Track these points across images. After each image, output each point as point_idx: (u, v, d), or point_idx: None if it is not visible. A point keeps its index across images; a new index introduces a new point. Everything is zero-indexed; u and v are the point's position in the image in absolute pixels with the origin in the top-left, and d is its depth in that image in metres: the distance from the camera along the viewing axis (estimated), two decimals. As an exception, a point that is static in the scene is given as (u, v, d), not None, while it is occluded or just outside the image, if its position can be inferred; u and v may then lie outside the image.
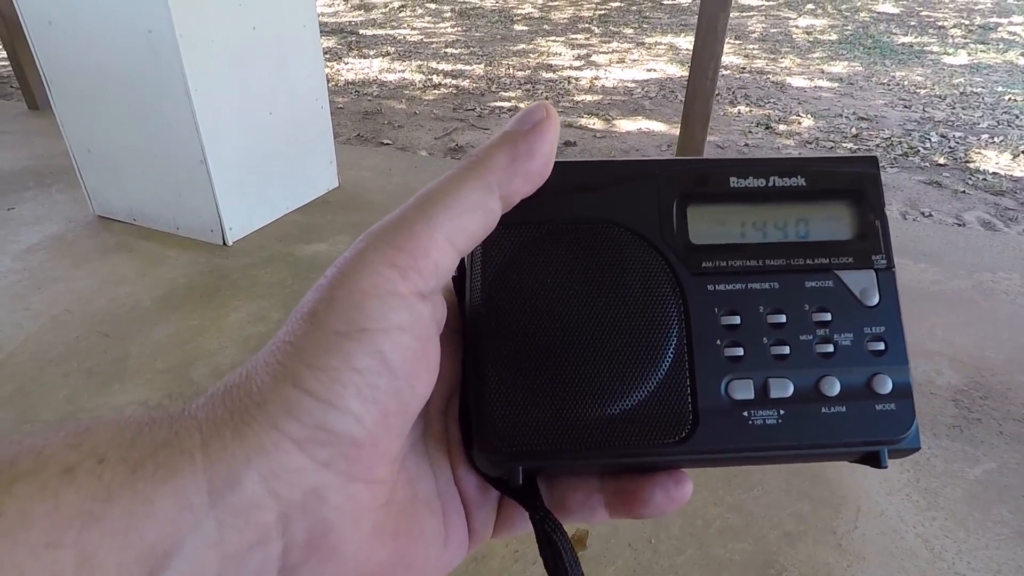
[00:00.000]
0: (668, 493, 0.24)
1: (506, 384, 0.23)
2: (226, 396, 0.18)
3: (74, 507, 0.15)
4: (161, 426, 0.17)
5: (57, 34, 2.08)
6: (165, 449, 0.17)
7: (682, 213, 0.25)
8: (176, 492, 0.16)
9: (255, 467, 0.17)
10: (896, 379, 0.24)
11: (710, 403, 0.23)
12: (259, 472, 0.17)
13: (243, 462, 0.17)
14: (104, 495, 0.15)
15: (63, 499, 0.15)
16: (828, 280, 0.24)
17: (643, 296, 0.24)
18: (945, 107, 4.05)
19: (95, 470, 0.16)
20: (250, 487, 0.17)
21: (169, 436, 0.17)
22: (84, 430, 0.17)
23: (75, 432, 0.17)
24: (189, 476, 0.16)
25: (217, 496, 0.17)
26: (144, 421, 0.18)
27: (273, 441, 0.17)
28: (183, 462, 0.17)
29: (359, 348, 0.18)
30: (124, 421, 0.17)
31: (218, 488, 0.17)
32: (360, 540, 0.20)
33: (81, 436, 0.16)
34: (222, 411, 0.18)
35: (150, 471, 0.16)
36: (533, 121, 0.22)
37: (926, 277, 2.06)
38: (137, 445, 0.17)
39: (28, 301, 1.93)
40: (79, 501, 0.15)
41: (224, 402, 0.18)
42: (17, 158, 2.99)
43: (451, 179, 0.21)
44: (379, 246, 0.20)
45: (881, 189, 0.26)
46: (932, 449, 1.40)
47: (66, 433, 0.17)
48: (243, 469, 0.17)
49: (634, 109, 4.05)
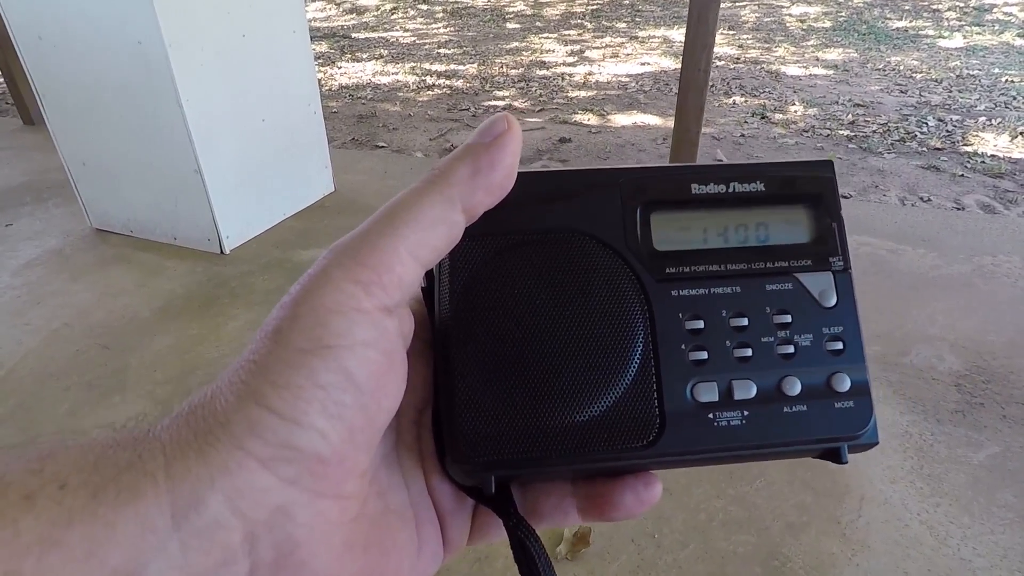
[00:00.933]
0: (638, 495, 0.24)
1: (476, 394, 0.23)
2: (190, 416, 0.18)
3: (33, 534, 0.15)
4: (125, 449, 0.17)
5: (47, 48, 2.08)
6: (128, 472, 0.17)
7: (645, 220, 0.25)
8: (139, 515, 0.16)
9: (219, 487, 0.17)
10: (854, 377, 0.24)
11: (676, 406, 0.23)
12: (223, 492, 0.17)
13: (207, 483, 0.17)
14: (65, 520, 0.15)
15: (22, 526, 0.15)
16: (788, 283, 0.25)
17: (609, 303, 0.24)
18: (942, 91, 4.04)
19: (55, 496, 0.16)
20: (215, 507, 0.17)
21: (132, 459, 0.17)
22: (47, 455, 0.17)
23: (37, 458, 0.17)
24: (152, 499, 0.16)
25: (181, 518, 0.17)
26: (108, 444, 0.17)
27: (237, 460, 0.17)
28: (146, 484, 0.16)
29: (323, 365, 0.18)
30: (87, 445, 0.17)
31: (182, 510, 0.17)
32: (330, 556, 0.19)
33: (43, 462, 0.16)
34: (186, 432, 0.18)
35: (112, 495, 0.16)
36: (495, 133, 0.22)
37: (925, 262, 2.05)
38: (99, 469, 0.17)
39: (27, 316, 1.94)
40: (39, 527, 0.15)
41: (188, 422, 0.18)
42: (13, 174, 3.00)
43: (413, 193, 0.21)
44: (342, 262, 0.20)
45: (837, 192, 0.26)
46: (935, 435, 1.40)
47: (28, 459, 0.16)
48: (207, 490, 0.17)
49: (629, 103, 4.04)
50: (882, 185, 2.80)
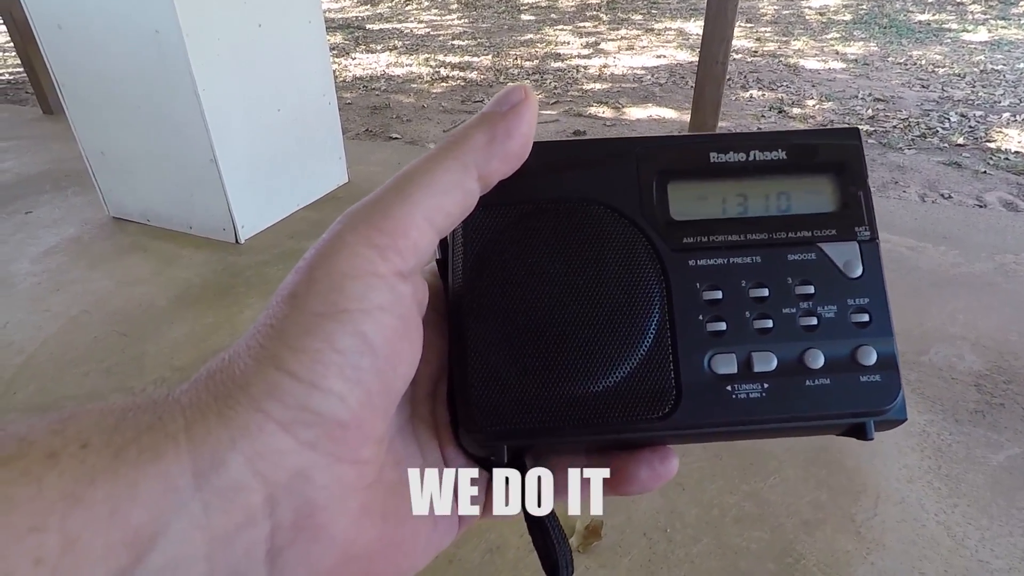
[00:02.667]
0: (654, 469, 0.24)
1: (489, 364, 0.23)
2: (209, 380, 0.18)
3: (57, 491, 0.15)
4: (145, 411, 0.17)
5: (67, 38, 2.10)
6: (149, 433, 0.17)
7: (662, 190, 0.25)
8: (160, 475, 0.16)
9: (240, 449, 0.17)
10: (881, 350, 0.23)
11: (693, 378, 0.23)
12: (244, 454, 0.17)
13: (227, 444, 0.17)
14: (88, 479, 0.15)
15: (46, 483, 0.15)
16: (811, 253, 0.24)
17: (624, 273, 0.24)
18: (964, 86, 3.96)
19: (78, 455, 0.16)
20: (235, 469, 0.17)
21: (152, 420, 0.17)
22: (68, 417, 0.17)
23: (59, 419, 0.17)
24: (173, 459, 0.16)
25: (202, 478, 0.17)
26: (127, 407, 0.18)
27: (257, 423, 0.17)
28: (167, 445, 0.17)
29: (340, 329, 0.18)
30: (108, 408, 0.17)
31: (203, 470, 0.17)
32: (347, 520, 0.20)
33: (64, 423, 0.17)
34: (205, 395, 0.18)
35: (134, 455, 0.16)
36: (511, 102, 0.22)
37: (946, 260, 2.02)
38: (120, 430, 0.17)
39: (47, 303, 1.96)
40: (62, 485, 0.15)
41: (207, 386, 0.18)
42: (34, 162, 3.04)
43: (429, 159, 0.21)
44: (358, 226, 0.20)
45: (863, 160, 0.25)
46: (954, 435, 1.38)
47: (50, 420, 0.17)
48: (228, 451, 0.17)
49: (644, 96, 4.01)
50: (902, 181, 2.75)
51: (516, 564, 1.13)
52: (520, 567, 1.13)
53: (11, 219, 2.49)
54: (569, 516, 1.20)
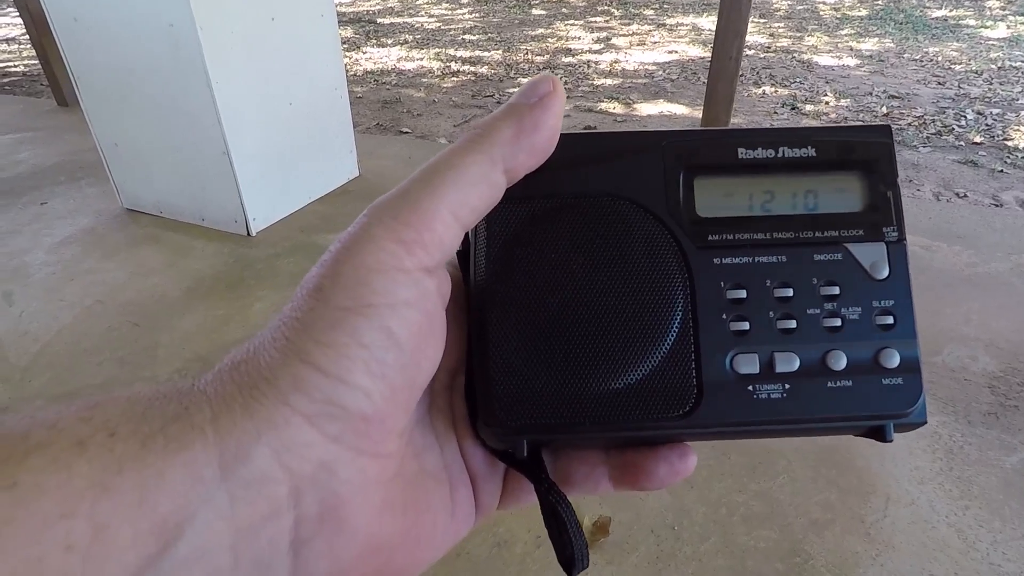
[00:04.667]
0: (672, 466, 0.24)
1: (510, 358, 0.23)
2: (234, 371, 0.18)
3: (86, 479, 0.15)
4: (171, 401, 0.18)
5: (82, 30, 2.11)
6: (175, 423, 0.17)
7: (688, 185, 0.24)
8: (187, 465, 0.16)
9: (265, 442, 0.17)
10: (904, 353, 0.23)
11: (715, 377, 0.23)
12: (270, 446, 0.17)
13: (253, 436, 0.17)
14: (116, 467, 0.16)
15: (76, 471, 0.15)
16: (837, 253, 0.24)
17: (648, 270, 0.24)
18: (982, 83, 3.90)
19: (106, 443, 0.16)
20: (261, 461, 0.17)
21: (179, 411, 0.17)
22: (95, 405, 0.17)
23: (87, 407, 0.17)
24: (200, 450, 0.17)
25: (228, 470, 0.17)
26: (154, 396, 0.18)
27: (283, 416, 0.17)
28: (194, 436, 0.17)
29: (366, 323, 0.18)
30: (134, 396, 0.18)
31: (229, 462, 0.17)
32: (370, 513, 0.20)
33: (92, 410, 0.17)
34: (231, 386, 0.18)
35: (161, 444, 0.16)
36: (539, 94, 0.22)
37: (961, 260, 1.99)
38: (148, 419, 0.17)
39: (62, 293, 1.98)
40: (91, 473, 0.15)
41: (233, 377, 0.18)
42: (48, 154, 3.06)
43: (455, 153, 0.21)
44: (384, 220, 0.20)
45: (894, 159, 0.25)
46: (966, 437, 1.36)
47: (78, 408, 0.17)
48: (253, 443, 0.17)
49: (655, 92, 3.98)
50: (916, 180, 2.72)
51: (523, 558, 1.14)
52: (527, 561, 1.13)
53: (27, 210, 2.52)
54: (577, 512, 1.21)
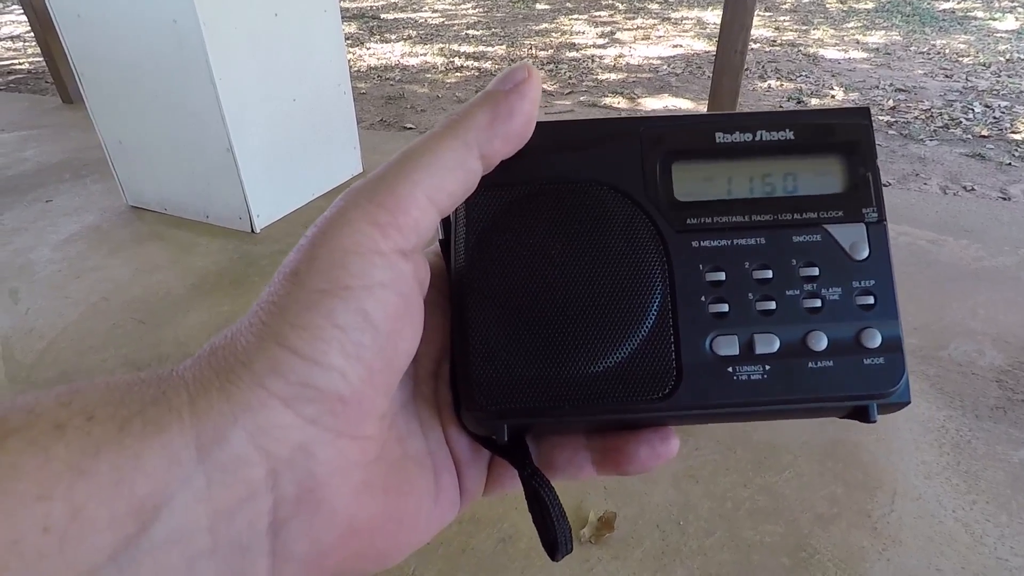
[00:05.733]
0: (654, 449, 0.24)
1: (490, 343, 0.23)
2: (212, 356, 0.18)
3: (64, 462, 0.15)
4: (149, 386, 0.18)
5: (86, 27, 2.12)
6: (153, 407, 0.17)
7: (666, 170, 0.25)
8: (164, 448, 0.17)
9: (242, 424, 0.17)
10: (885, 333, 0.23)
11: (694, 359, 0.23)
12: (246, 429, 0.17)
13: (230, 419, 0.17)
14: (93, 450, 0.16)
15: (53, 454, 0.15)
16: (816, 235, 0.24)
17: (626, 254, 0.24)
18: (990, 75, 3.87)
19: (84, 427, 0.16)
20: (237, 443, 0.17)
21: (157, 395, 0.17)
22: (74, 390, 0.17)
23: (66, 392, 0.17)
24: (177, 433, 0.17)
25: (205, 452, 0.17)
26: (133, 381, 0.18)
27: (259, 399, 0.18)
28: (171, 419, 0.17)
29: (342, 305, 0.19)
30: (113, 382, 0.18)
31: (206, 444, 0.17)
32: (349, 494, 0.20)
33: (71, 395, 0.17)
34: (208, 371, 0.18)
35: (138, 427, 0.17)
36: (514, 81, 0.22)
37: (968, 254, 1.98)
38: (126, 403, 0.17)
39: (67, 290, 1.99)
40: (68, 456, 0.16)
41: (210, 362, 0.18)
42: (54, 151, 3.08)
43: (431, 138, 0.21)
44: (360, 203, 0.20)
45: (873, 141, 0.25)
46: (974, 431, 1.36)
47: (57, 393, 0.17)
48: (230, 426, 0.17)
49: (660, 87, 3.97)
50: (923, 173, 2.70)
51: (528, 553, 1.14)
52: (532, 556, 1.13)
53: (32, 207, 2.53)
54: (582, 507, 1.20)
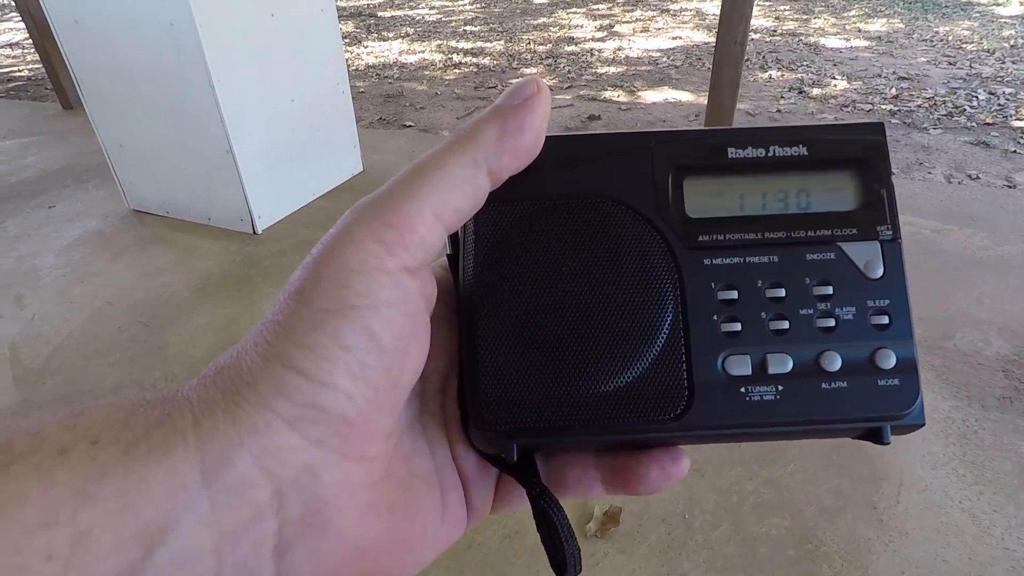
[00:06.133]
0: (664, 470, 0.24)
1: (499, 362, 0.23)
2: (217, 377, 0.18)
3: (68, 487, 0.15)
4: (154, 407, 0.18)
5: (83, 32, 2.12)
6: (158, 430, 0.17)
7: (678, 186, 0.24)
8: (169, 471, 0.16)
9: (247, 447, 0.17)
10: (900, 353, 0.23)
11: (706, 379, 0.23)
12: (251, 451, 0.17)
13: (235, 442, 0.17)
14: (98, 475, 0.16)
15: (58, 479, 0.15)
16: (830, 252, 0.24)
17: (637, 271, 0.23)
18: (994, 62, 3.83)
19: (89, 451, 0.16)
20: (243, 466, 0.17)
21: (162, 417, 0.17)
22: (79, 412, 0.17)
23: (70, 415, 0.17)
24: (182, 456, 0.17)
25: (210, 475, 0.17)
26: (138, 403, 0.18)
27: (265, 421, 0.18)
28: (176, 442, 0.17)
29: (348, 325, 0.18)
30: (118, 404, 0.18)
31: (211, 467, 0.17)
32: (355, 516, 0.20)
33: (75, 418, 0.17)
34: (214, 392, 0.18)
35: (143, 451, 0.16)
36: (523, 96, 0.22)
37: (973, 243, 1.96)
38: (130, 426, 0.17)
39: (71, 295, 2.00)
40: (73, 481, 0.15)
41: (215, 383, 0.18)
42: (55, 157, 3.08)
43: (438, 154, 0.21)
44: (366, 221, 0.20)
45: (887, 157, 0.24)
46: (980, 422, 1.35)
47: (61, 416, 0.17)
48: (235, 449, 0.17)
49: (660, 79, 3.95)
50: (927, 162, 2.68)
51: (534, 549, 1.14)
52: (538, 552, 1.13)
53: (35, 213, 2.54)
54: (588, 502, 1.21)
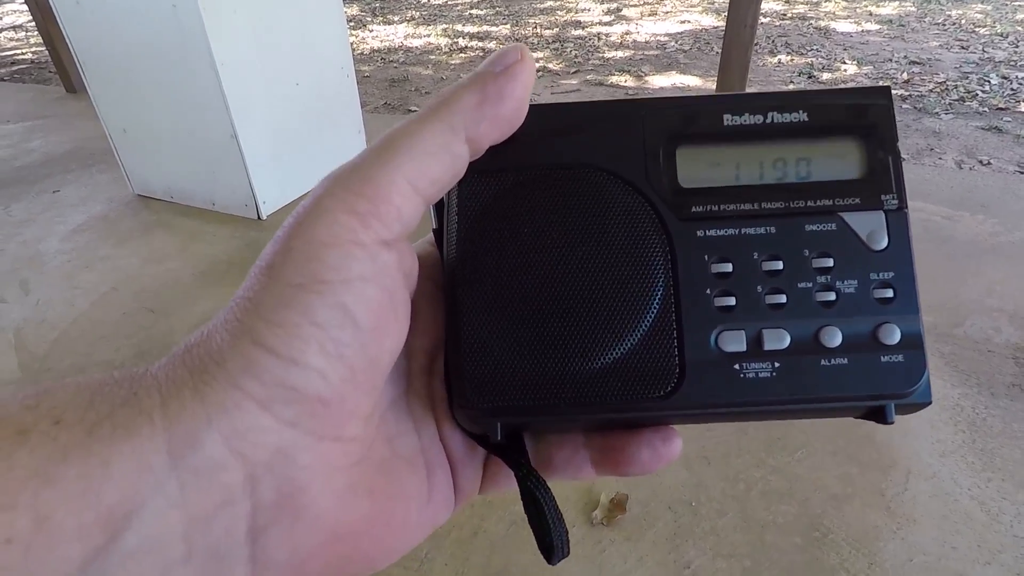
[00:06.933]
0: (655, 450, 0.23)
1: (483, 337, 0.22)
2: (186, 355, 0.18)
3: (28, 469, 0.15)
4: (121, 386, 0.17)
5: (85, 15, 2.10)
6: (123, 409, 0.16)
7: (670, 155, 0.23)
8: (134, 453, 0.16)
9: (216, 427, 0.17)
10: (905, 328, 0.22)
11: (698, 356, 0.22)
12: (221, 432, 0.17)
13: (203, 422, 0.17)
14: (60, 456, 0.15)
15: (16, 461, 0.15)
16: (831, 223, 0.22)
17: (627, 244, 0.22)
18: (1007, 46, 3.77)
19: (50, 431, 0.16)
20: (211, 447, 0.17)
21: (128, 396, 0.17)
22: (42, 392, 0.17)
23: (32, 395, 0.17)
24: (147, 437, 0.16)
25: (178, 457, 0.16)
26: (105, 382, 0.17)
27: (234, 400, 0.17)
28: (141, 422, 0.16)
29: (319, 301, 0.18)
30: (84, 382, 0.17)
31: (178, 449, 0.16)
32: (332, 499, 0.19)
33: (38, 398, 0.16)
34: (182, 371, 0.17)
35: (107, 432, 0.16)
36: (506, 63, 0.21)
37: (984, 229, 1.94)
38: (95, 406, 0.16)
39: (77, 280, 2.00)
40: (33, 463, 0.15)
41: (184, 361, 0.18)
42: (60, 141, 3.08)
43: (414, 121, 0.20)
44: (337, 192, 0.19)
45: (894, 122, 0.23)
46: (989, 409, 1.34)
47: (24, 395, 0.16)
48: (203, 429, 0.17)
49: (667, 64, 3.90)
50: (938, 148, 2.65)
51: (540, 535, 1.14)
52: (544, 538, 1.13)
53: (40, 198, 2.54)
54: (594, 489, 1.20)
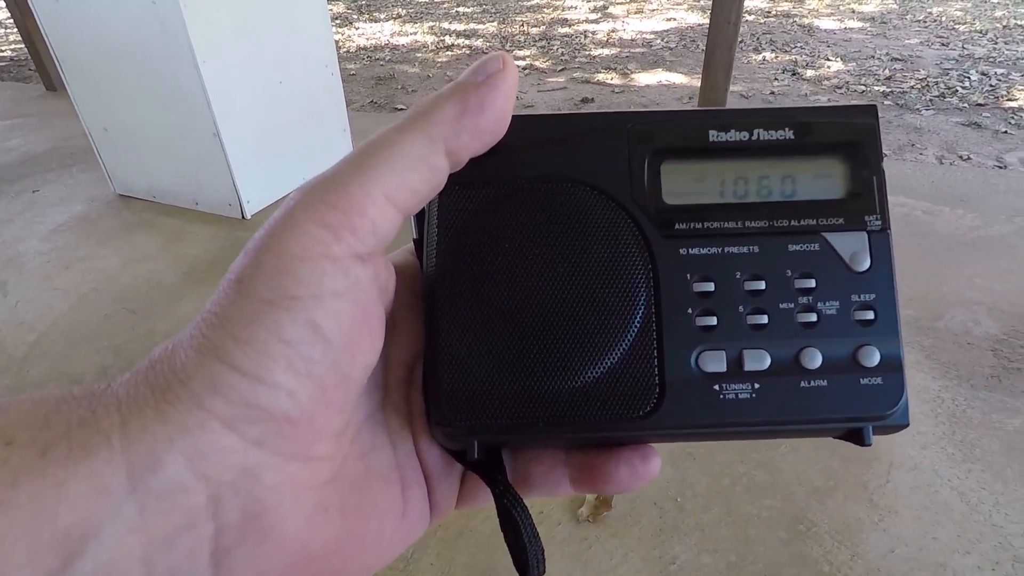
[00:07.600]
0: (634, 469, 0.23)
1: (461, 354, 0.22)
2: (149, 372, 0.17)
3: None
4: (80, 404, 0.16)
5: (63, 11, 2.06)
6: (80, 429, 0.16)
7: (654, 170, 0.23)
8: (91, 475, 0.15)
9: (178, 448, 0.16)
10: (884, 351, 0.22)
11: (678, 375, 0.22)
12: (183, 453, 0.16)
13: (165, 443, 0.16)
14: (10, 480, 0.15)
15: None
16: (814, 243, 0.22)
17: (608, 260, 0.22)
18: (986, 42, 3.82)
19: (1, 453, 0.15)
20: (173, 469, 0.16)
21: (86, 415, 0.16)
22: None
23: None
24: (105, 458, 0.15)
25: (137, 479, 0.16)
26: (63, 399, 0.17)
27: (198, 420, 0.16)
28: (99, 442, 0.16)
29: (289, 317, 0.17)
30: (40, 400, 0.16)
31: (138, 470, 0.16)
32: (300, 519, 0.19)
33: None
34: (144, 388, 0.17)
35: (62, 453, 0.15)
36: (487, 72, 0.20)
37: (964, 223, 1.97)
38: (51, 425, 0.16)
39: (57, 281, 1.97)
40: None
41: (147, 378, 0.17)
42: (39, 140, 3.03)
43: (393, 131, 0.19)
44: (311, 204, 0.18)
45: (879, 142, 0.23)
46: (969, 401, 1.36)
47: None
48: (165, 451, 0.16)
49: (654, 61, 3.91)
50: (919, 143, 2.68)
51: (527, 533, 1.14)
52: (531, 535, 1.13)
53: (19, 198, 2.50)
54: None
